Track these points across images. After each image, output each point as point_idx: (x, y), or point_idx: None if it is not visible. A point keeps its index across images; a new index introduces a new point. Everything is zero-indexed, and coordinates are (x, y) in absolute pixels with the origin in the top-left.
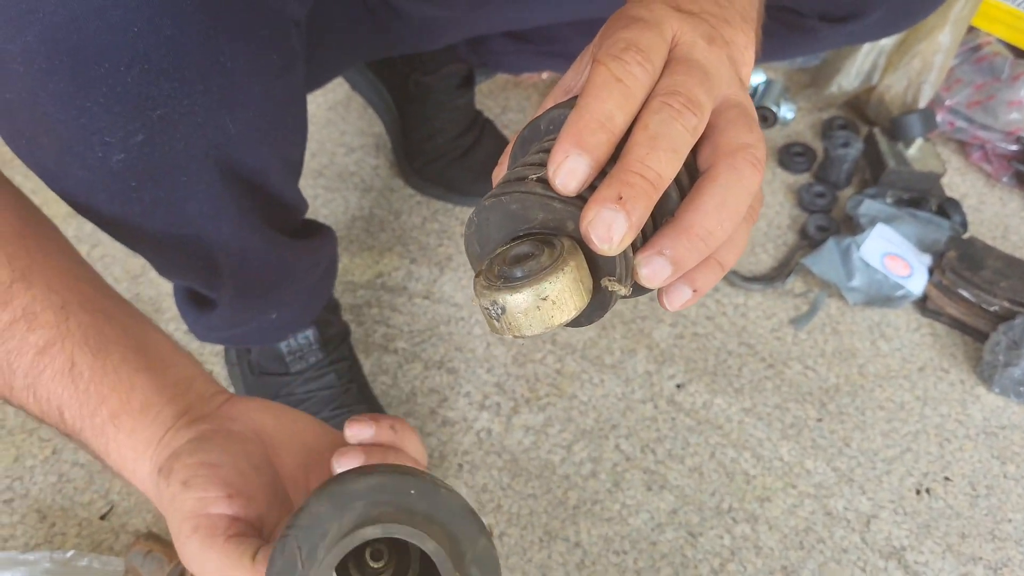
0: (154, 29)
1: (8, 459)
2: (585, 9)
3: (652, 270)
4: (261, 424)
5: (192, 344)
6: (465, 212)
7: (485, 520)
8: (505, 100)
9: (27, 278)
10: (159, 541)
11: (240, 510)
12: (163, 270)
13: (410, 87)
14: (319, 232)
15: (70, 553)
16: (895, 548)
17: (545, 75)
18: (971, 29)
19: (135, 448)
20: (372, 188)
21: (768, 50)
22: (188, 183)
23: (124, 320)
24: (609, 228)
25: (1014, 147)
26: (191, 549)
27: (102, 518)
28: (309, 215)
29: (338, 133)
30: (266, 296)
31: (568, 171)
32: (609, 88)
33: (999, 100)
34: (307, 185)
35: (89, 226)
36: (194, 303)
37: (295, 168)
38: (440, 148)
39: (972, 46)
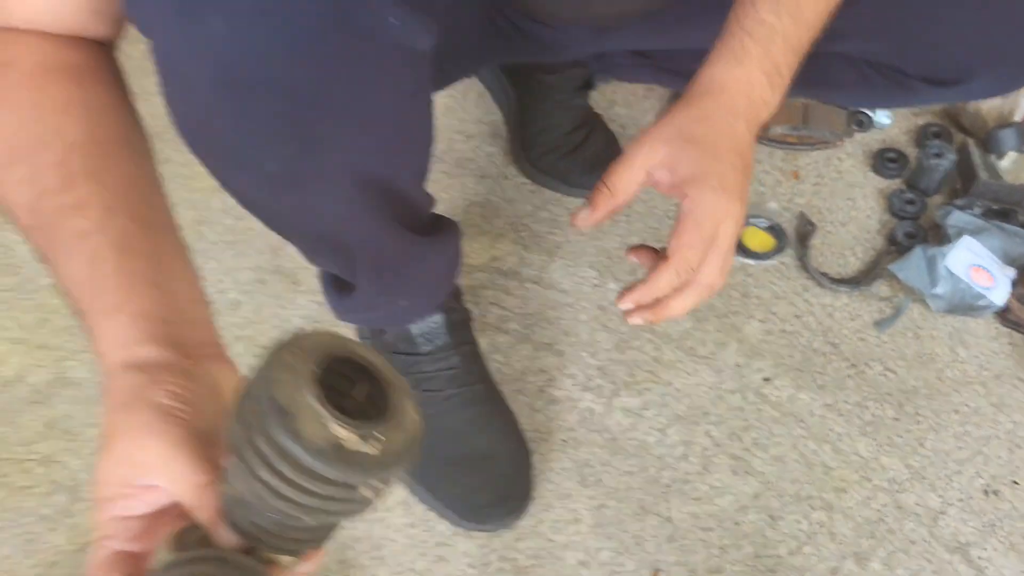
0: (305, 69)
1: None
2: (705, 40)
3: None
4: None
5: (326, 317)
6: (574, 202)
7: (588, 492)
8: (612, 95)
9: (95, 175)
10: None
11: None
12: (309, 257)
13: (533, 84)
14: (445, 227)
15: None
16: (960, 543)
17: None
18: None
19: (114, 340)
20: (488, 175)
21: (871, 100)
22: (328, 190)
23: (164, 244)
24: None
25: None
26: (145, 425)
27: None
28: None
29: (457, 120)
30: (397, 286)
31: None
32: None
33: None
34: None
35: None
36: (335, 287)
37: (423, 172)
38: (554, 141)
39: None
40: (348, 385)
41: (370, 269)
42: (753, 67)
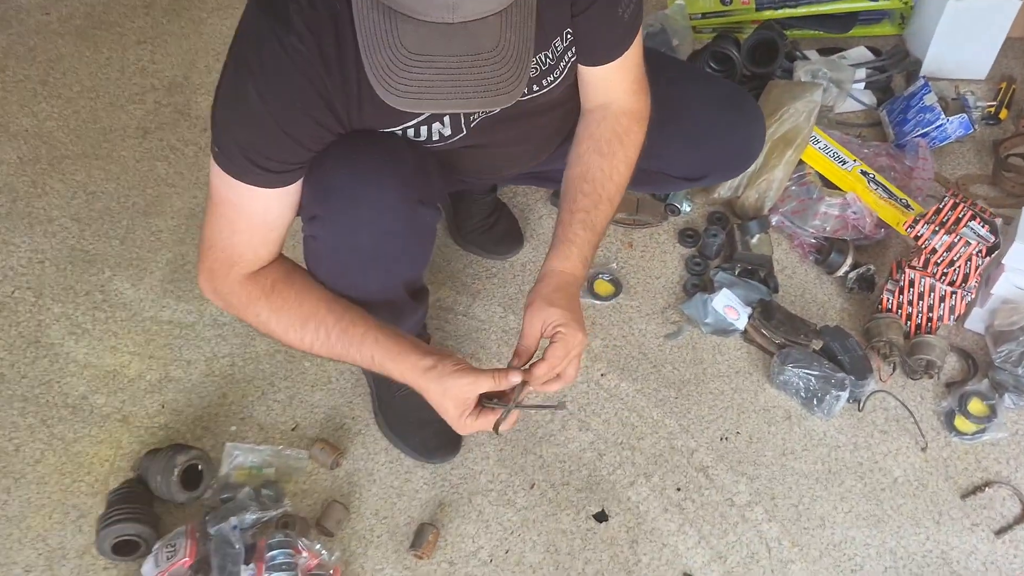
0: (392, 241)
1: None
2: (556, 163)
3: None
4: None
5: None
6: (491, 262)
7: (493, 441)
8: (512, 192)
9: (341, 312)
10: (327, 442)
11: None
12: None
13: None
14: (425, 292)
15: (280, 447)
16: (704, 466)
17: None
18: (801, 162)
19: (408, 364)
20: (436, 245)
21: (648, 189)
22: (391, 287)
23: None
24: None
25: (814, 240)
26: (461, 380)
27: (293, 430)
28: None
29: None
30: (401, 323)
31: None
32: (547, 372)
33: (810, 211)
34: None
35: None
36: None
37: (423, 271)
38: (475, 224)
39: (800, 174)
40: None
41: (390, 314)
42: (573, 261)
